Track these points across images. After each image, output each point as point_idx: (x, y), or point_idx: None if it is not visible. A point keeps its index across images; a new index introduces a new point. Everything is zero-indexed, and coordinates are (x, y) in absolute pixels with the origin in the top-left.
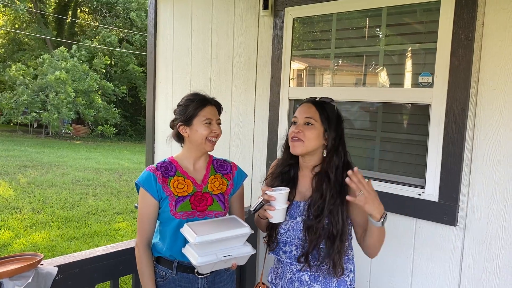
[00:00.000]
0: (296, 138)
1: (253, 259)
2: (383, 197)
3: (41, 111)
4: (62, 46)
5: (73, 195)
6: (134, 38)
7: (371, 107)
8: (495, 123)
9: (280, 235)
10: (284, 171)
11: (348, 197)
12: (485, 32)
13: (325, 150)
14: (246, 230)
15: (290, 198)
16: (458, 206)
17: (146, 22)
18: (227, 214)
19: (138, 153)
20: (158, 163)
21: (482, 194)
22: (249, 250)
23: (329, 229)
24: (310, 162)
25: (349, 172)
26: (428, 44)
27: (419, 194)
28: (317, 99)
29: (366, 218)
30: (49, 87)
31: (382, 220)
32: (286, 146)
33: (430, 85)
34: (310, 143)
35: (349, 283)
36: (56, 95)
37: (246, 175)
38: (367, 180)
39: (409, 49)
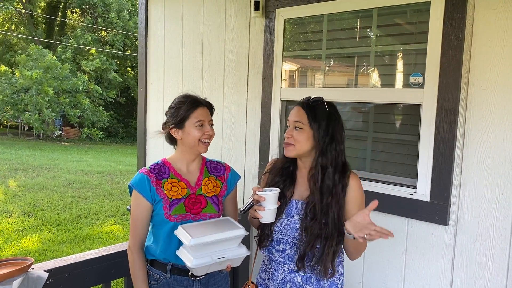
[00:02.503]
0: (288, 143)
1: (246, 259)
2: (375, 197)
3: (26, 112)
4: (33, 44)
5: (65, 198)
6: (114, 40)
7: (363, 108)
8: (485, 122)
9: (275, 233)
10: (284, 167)
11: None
12: (474, 33)
13: (316, 152)
14: (241, 231)
15: (289, 194)
16: (450, 205)
17: (129, 23)
18: (221, 216)
19: (130, 155)
20: (152, 165)
21: (473, 194)
22: (244, 251)
23: (325, 230)
24: (307, 163)
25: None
26: (418, 45)
27: (411, 194)
28: (310, 99)
29: None
30: (29, 87)
31: (353, 236)
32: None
33: (421, 86)
34: (302, 146)
35: (340, 286)
36: (33, 94)
37: (240, 177)
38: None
39: (400, 49)
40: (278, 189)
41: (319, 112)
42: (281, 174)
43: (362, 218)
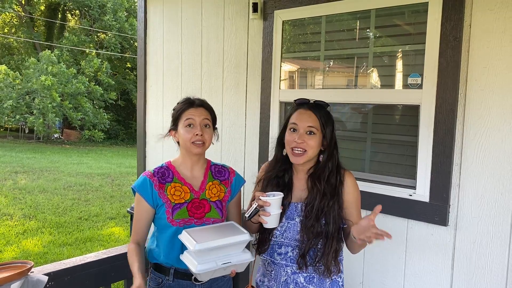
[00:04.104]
0: (300, 149)
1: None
2: (375, 198)
3: (27, 115)
4: (47, 50)
5: (65, 200)
6: (109, 42)
7: (362, 109)
8: (484, 123)
9: (276, 237)
10: (279, 175)
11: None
12: (472, 33)
13: (321, 155)
14: (246, 236)
15: (287, 201)
16: (449, 206)
17: (124, 25)
18: (225, 221)
19: (130, 157)
20: (156, 168)
21: (472, 194)
22: (248, 256)
23: (326, 229)
24: (306, 166)
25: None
26: (416, 46)
27: (410, 195)
28: (311, 101)
29: (355, 221)
30: (34, 92)
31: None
32: (279, 149)
33: (419, 86)
34: (313, 152)
35: (341, 283)
36: (41, 100)
37: (244, 181)
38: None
39: (399, 50)
40: (282, 193)
41: (327, 116)
42: (277, 184)
43: (367, 223)
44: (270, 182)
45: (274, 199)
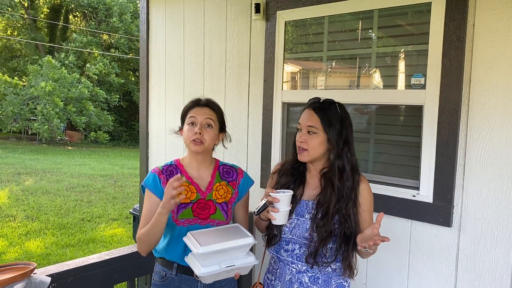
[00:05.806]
0: (301, 148)
1: None
2: (378, 199)
3: (32, 118)
4: (48, 56)
5: (68, 201)
6: (119, 43)
7: (365, 109)
8: (487, 123)
9: (284, 233)
10: (295, 167)
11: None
12: (476, 33)
13: (331, 155)
14: (250, 240)
15: (298, 194)
16: (453, 207)
17: (131, 26)
18: (230, 222)
19: (133, 158)
20: (164, 166)
21: (477, 195)
22: (252, 260)
23: (341, 230)
24: (318, 166)
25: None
26: (419, 46)
27: (414, 196)
28: (321, 100)
29: (366, 227)
30: (37, 98)
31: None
32: (294, 150)
33: (423, 87)
34: (315, 151)
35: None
36: (44, 106)
37: (253, 182)
38: None
39: (402, 50)
40: (291, 191)
41: (332, 116)
42: (291, 174)
43: (371, 232)
44: (285, 172)
45: (283, 196)
